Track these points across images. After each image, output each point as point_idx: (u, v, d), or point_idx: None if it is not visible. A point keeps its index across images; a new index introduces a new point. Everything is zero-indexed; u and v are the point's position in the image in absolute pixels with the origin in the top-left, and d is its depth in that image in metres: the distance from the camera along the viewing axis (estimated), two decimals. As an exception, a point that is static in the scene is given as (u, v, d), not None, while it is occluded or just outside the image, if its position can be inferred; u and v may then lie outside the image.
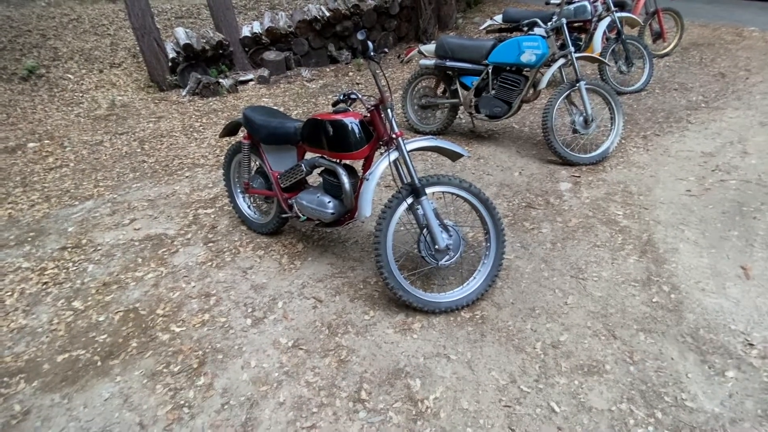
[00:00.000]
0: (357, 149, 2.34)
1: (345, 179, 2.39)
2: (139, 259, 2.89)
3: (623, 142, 3.92)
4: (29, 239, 3.18)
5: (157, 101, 5.92)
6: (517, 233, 2.89)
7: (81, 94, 6.06)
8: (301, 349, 2.16)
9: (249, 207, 3.15)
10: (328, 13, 6.90)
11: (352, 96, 2.34)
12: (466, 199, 2.34)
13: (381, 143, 2.35)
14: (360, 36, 2.17)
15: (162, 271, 2.76)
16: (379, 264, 2.23)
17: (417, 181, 2.22)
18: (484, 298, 2.38)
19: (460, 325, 2.23)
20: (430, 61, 4.11)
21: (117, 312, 2.47)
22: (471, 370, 2.00)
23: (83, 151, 4.59)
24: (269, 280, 2.64)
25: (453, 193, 2.31)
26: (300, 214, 2.64)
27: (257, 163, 2.98)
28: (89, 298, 2.58)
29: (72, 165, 4.31)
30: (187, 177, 3.94)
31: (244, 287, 2.59)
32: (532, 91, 3.81)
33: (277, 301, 2.47)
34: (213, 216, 3.33)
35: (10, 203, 3.68)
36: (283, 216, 2.85)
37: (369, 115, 2.33)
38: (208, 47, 6.19)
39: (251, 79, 6.45)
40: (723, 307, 2.22)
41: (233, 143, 3.12)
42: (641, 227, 2.85)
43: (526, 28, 3.66)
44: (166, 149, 4.54)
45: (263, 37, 6.69)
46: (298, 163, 2.62)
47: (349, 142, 2.33)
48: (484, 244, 2.44)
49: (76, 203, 3.63)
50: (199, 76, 6.00)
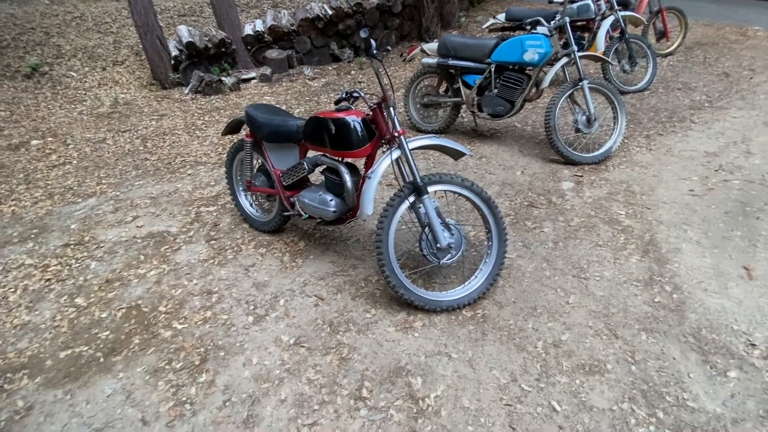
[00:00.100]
0: (359, 147, 2.34)
1: (347, 177, 2.39)
2: (142, 257, 2.90)
3: (626, 141, 3.91)
4: (32, 236, 3.19)
5: (159, 99, 5.93)
6: (519, 232, 2.89)
7: (84, 92, 6.08)
8: (303, 346, 2.16)
9: (251, 205, 3.16)
10: (330, 12, 6.90)
11: (355, 94, 2.34)
12: (468, 198, 2.33)
13: (383, 142, 2.35)
14: (363, 34, 2.17)
15: (164, 269, 2.77)
16: (380, 262, 2.23)
17: (419, 180, 2.21)
18: (486, 297, 2.38)
19: (461, 324, 2.23)
20: (433, 60, 4.10)
21: (119, 309, 2.48)
22: (472, 369, 2.00)
23: (86, 148, 4.60)
24: (271, 277, 2.65)
25: (455, 192, 2.31)
26: (302, 212, 2.64)
27: (259, 161, 2.98)
28: (92, 295, 2.59)
29: (75, 162, 4.32)
30: (189, 175, 3.95)
31: (246, 285, 2.60)
32: (534, 90, 3.80)
33: (279, 298, 2.48)
34: (215, 214, 3.34)
35: (13, 200, 3.70)
36: (285, 214, 2.85)
37: (371, 114, 2.33)
38: (210, 45, 6.19)
39: (254, 78, 6.45)
40: (725, 308, 2.21)
41: (235, 141, 3.13)
42: (644, 227, 2.85)
43: (529, 27, 3.65)
44: (168, 147, 4.55)
45: (266, 35, 6.69)
46: (301, 161, 2.62)
47: (352, 141, 2.33)
48: (485, 242, 2.44)
49: (79, 200, 3.64)
50: (202, 74, 6.00)
